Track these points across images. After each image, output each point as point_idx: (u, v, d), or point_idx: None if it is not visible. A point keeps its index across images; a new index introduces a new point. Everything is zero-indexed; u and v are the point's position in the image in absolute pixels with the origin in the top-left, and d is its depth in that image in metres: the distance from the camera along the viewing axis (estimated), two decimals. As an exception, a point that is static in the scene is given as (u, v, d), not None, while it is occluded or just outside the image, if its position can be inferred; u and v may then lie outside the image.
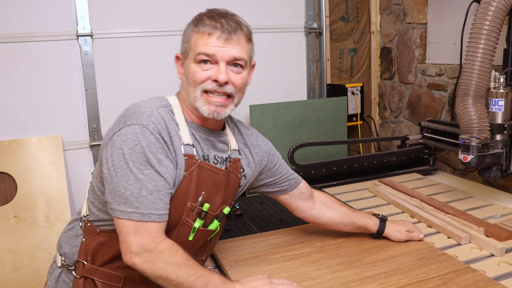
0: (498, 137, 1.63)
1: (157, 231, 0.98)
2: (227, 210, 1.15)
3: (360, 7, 2.78)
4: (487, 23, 1.54)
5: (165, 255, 0.97)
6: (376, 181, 2.02)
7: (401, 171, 2.18)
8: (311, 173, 1.99)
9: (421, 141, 2.24)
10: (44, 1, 2.07)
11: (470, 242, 1.38)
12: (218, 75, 1.05)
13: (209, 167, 1.10)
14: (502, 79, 1.61)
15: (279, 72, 2.58)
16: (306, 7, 2.60)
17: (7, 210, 2.00)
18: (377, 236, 1.38)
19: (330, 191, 1.92)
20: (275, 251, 1.35)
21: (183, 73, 1.12)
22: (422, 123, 2.25)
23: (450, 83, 2.25)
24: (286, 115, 2.37)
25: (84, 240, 1.11)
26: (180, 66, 1.14)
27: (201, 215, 1.09)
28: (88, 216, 1.13)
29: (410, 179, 2.07)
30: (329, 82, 2.71)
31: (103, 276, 1.10)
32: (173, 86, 1.20)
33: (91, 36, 2.16)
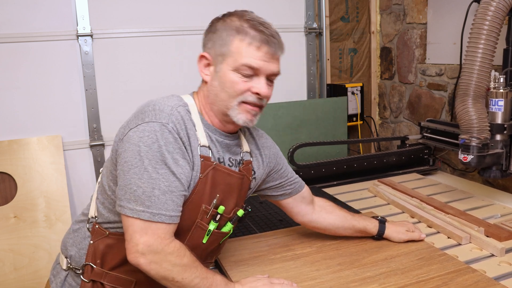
0: (498, 137, 1.63)
1: (165, 232, 0.97)
2: (241, 212, 1.14)
3: (360, 7, 2.78)
4: (487, 23, 1.54)
5: (173, 257, 0.96)
6: (376, 181, 2.01)
7: (401, 171, 2.17)
8: (311, 173, 1.99)
9: (421, 141, 2.24)
10: (44, 1, 2.07)
11: (470, 242, 1.38)
12: (261, 89, 1.05)
13: (224, 170, 1.09)
14: (502, 79, 1.61)
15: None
16: (306, 7, 2.60)
17: (7, 210, 2.00)
18: (377, 238, 1.38)
19: (330, 191, 1.93)
20: (275, 251, 1.34)
21: (212, 76, 1.08)
22: (422, 123, 2.24)
23: (450, 83, 2.25)
24: (286, 115, 2.37)
25: (92, 242, 1.09)
26: (204, 66, 1.10)
27: (215, 217, 1.08)
28: (96, 217, 1.10)
29: (410, 179, 2.07)
30: (329, 82, 2.71)
31: (113, 280, 1.08)
32: (173, 86, 1.20)
33: (91, 36, 2.16)
